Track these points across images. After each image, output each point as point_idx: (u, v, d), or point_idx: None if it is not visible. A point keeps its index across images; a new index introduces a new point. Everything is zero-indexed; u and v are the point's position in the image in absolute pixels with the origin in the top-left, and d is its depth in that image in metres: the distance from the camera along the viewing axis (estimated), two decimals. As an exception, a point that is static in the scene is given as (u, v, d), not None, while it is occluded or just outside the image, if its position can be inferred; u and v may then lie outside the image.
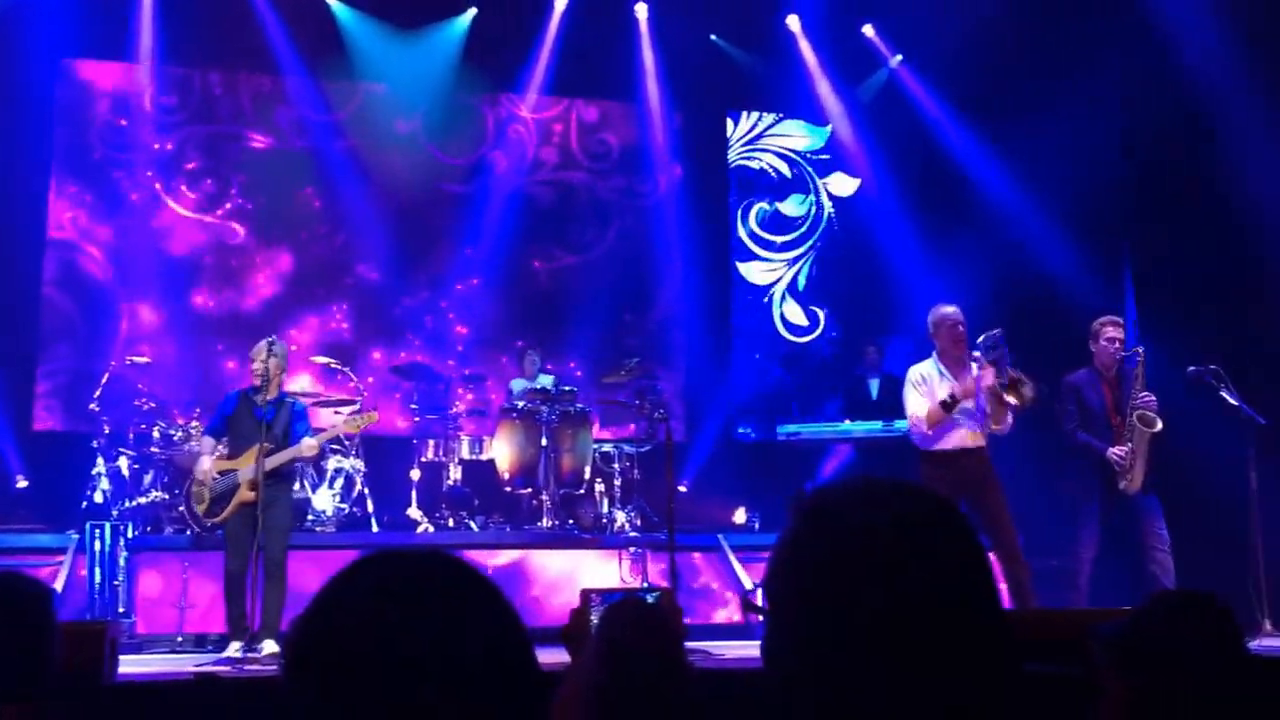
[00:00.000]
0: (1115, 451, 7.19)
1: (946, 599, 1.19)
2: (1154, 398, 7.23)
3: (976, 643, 1.19)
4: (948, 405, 6.92)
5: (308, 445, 7.17)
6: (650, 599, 3.47)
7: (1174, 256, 9.51)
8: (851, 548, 1.21)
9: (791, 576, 1.25)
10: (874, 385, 10.58)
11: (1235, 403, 7.47)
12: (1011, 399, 6.91)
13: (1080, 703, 3.05)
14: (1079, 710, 3.04)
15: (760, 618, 1.30)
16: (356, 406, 9.34)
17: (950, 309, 7.23)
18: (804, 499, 1.30)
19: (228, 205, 11.08)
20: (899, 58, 12.13)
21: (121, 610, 7.71)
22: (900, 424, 9.17)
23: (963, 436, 7.08)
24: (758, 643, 1.29)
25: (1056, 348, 8.58)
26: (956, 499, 6.85)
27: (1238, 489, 7.46)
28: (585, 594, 4.35)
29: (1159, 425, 7.19)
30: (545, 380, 10.13)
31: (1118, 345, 7.42)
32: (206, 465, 7.25)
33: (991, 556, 6.57)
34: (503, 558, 8.60)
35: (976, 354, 7.04)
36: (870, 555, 1.19)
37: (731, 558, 8.80)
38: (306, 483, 8.87)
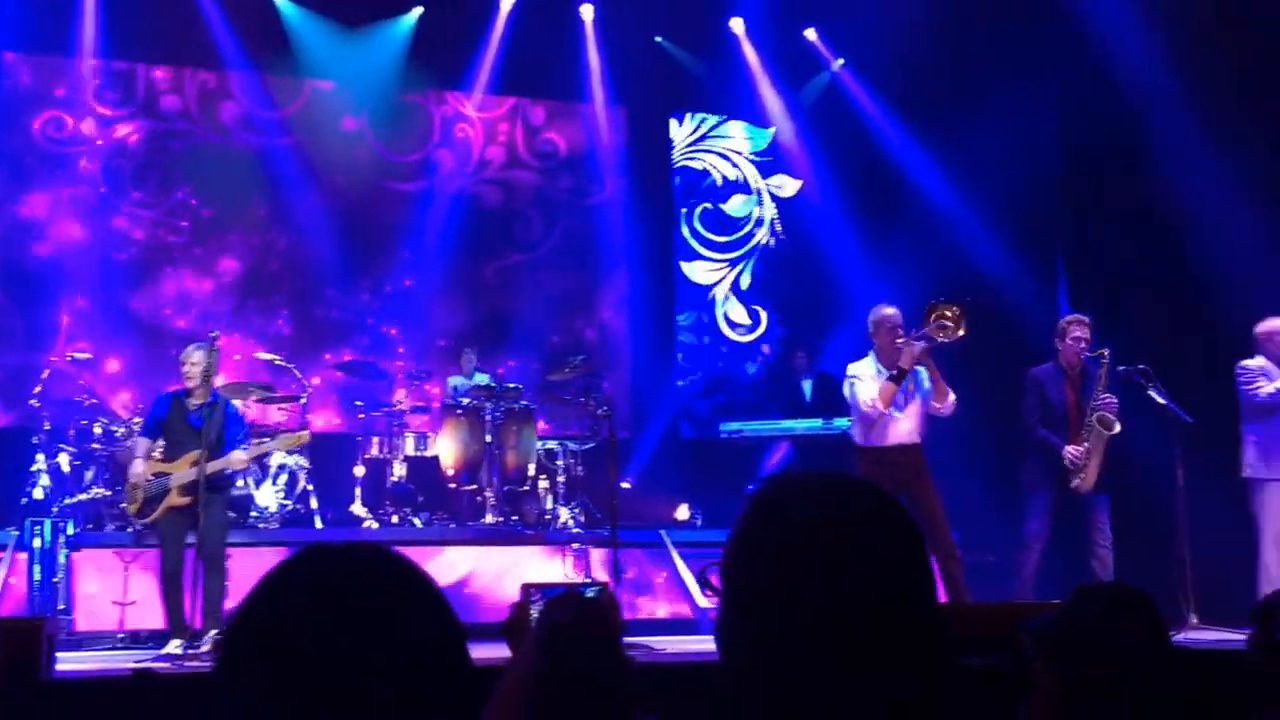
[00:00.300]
0: (1071, 450, 7.32)
1: (887, 595, 1.21)
2: (1115, 400, 7.39)
3: (915, 639, 1.22)
4: (896, 377, 6.97)
5: (238, 459, 7.18)
6: (590, 593, 3.52)
7: (1107, 258, 9.73)
8: (794, 542, 1.22)
9: (740, 569, 1.26)
10: (807, 386, 10.72)
11: (1163, 401, 7.62)
12: (942, 334, 6.98)
13: (1013, 695, 3.16)
14: (1012, 703, 3.14)
15: (715, 598, 1.31)
16: (303, 400, 9.37)
17: (890, 310, 7.29)
18: (754, 490, 1.31)
19: (172, 202, 11.01)
20: (841, 61, 12.27)
21: (61, 607, 7.66)
22: (840, 421, 9.32)
23: (900, 433, 7.19)
24: (699, 638, 1.32)
25: (993, 347, 8.75)
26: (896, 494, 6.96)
27: (1165, 485, 7.63)
28: (525, 589, 4.40)
29: (1118, 427, 7.33)
30: (482, 378, 10.18)
31: (1084, 345, 7.54)
32: (140, 468, 7.18)
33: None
34: (446, 553, 8.62)
35: (900, 340, 7.10)
36: (812, 551, 1.21)
37: (674, 554, 8.88)
38: (250, 479, 8.84)
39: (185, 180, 11.01)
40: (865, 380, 7.17)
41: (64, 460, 8.64)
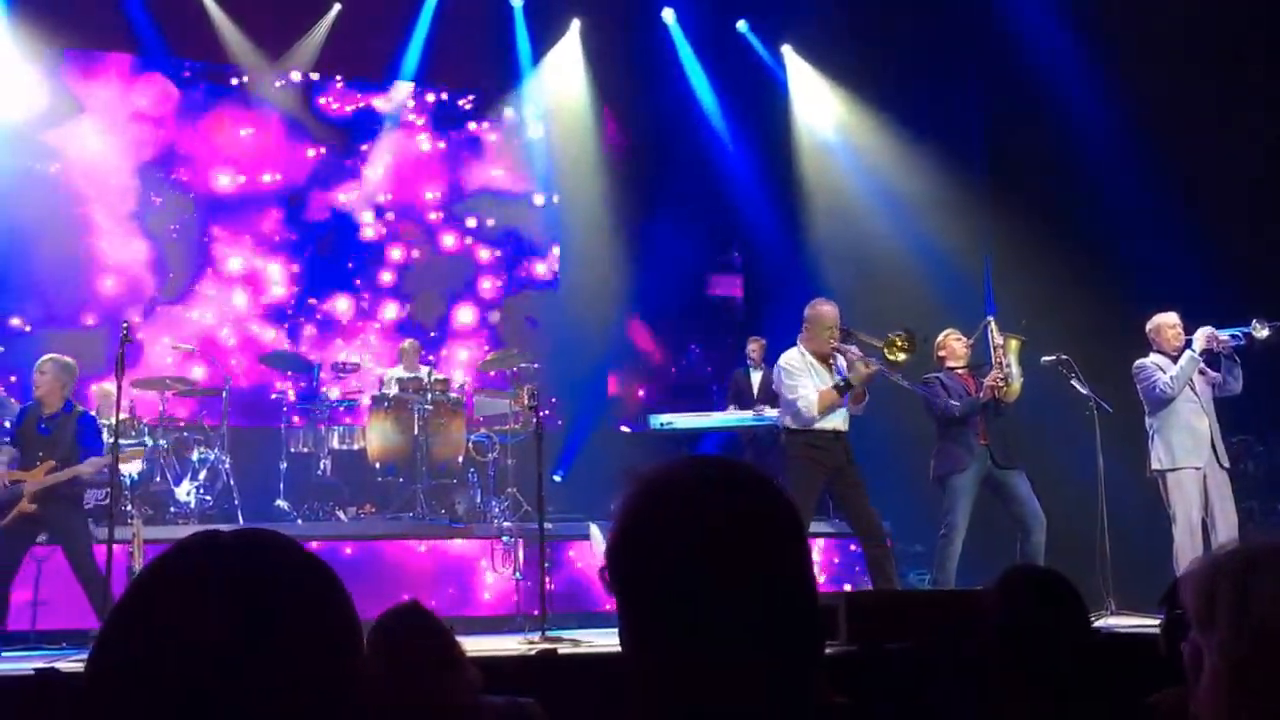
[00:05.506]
0: (992, 376, 7.42)
1: (768, 579, 1.21)
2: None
3: (796, 620, 1.22)
4: (842, 388, 6.98)
5: (85, 468, 7.19)
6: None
7: (1031, 254, 9.81)
8: (675, 535, 1.24)
9: (623, 564, 1.29)
10: (756, 378, 10.52)
11: (1085, 391, 7.73)
12: (897, 355, 7.05)
13: (926, 680, 3.17)
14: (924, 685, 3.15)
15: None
16: (225, 391, 9.25)
17: (829, 308, 7.24)
18: (632, 485, 1.33)
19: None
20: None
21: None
22: (771, 413, 9.25)
23: (836, 420, 7.16)
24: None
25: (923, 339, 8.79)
26: (824, 478, 7.00)
27: (1086, 474, 7.72)
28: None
29: (1021, 338, 7.55)
30: (422, 371, 10.06)
31: (964, 342, 7.74)
32: None
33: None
34: (372, 547, 8.51)
35: (837, 343, 7.12)
36: (692, 541, 1.22)
37: (600, 545, 8.82)
38: (168, 474, 8.69)
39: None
40: (799, 375, 7.13)
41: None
